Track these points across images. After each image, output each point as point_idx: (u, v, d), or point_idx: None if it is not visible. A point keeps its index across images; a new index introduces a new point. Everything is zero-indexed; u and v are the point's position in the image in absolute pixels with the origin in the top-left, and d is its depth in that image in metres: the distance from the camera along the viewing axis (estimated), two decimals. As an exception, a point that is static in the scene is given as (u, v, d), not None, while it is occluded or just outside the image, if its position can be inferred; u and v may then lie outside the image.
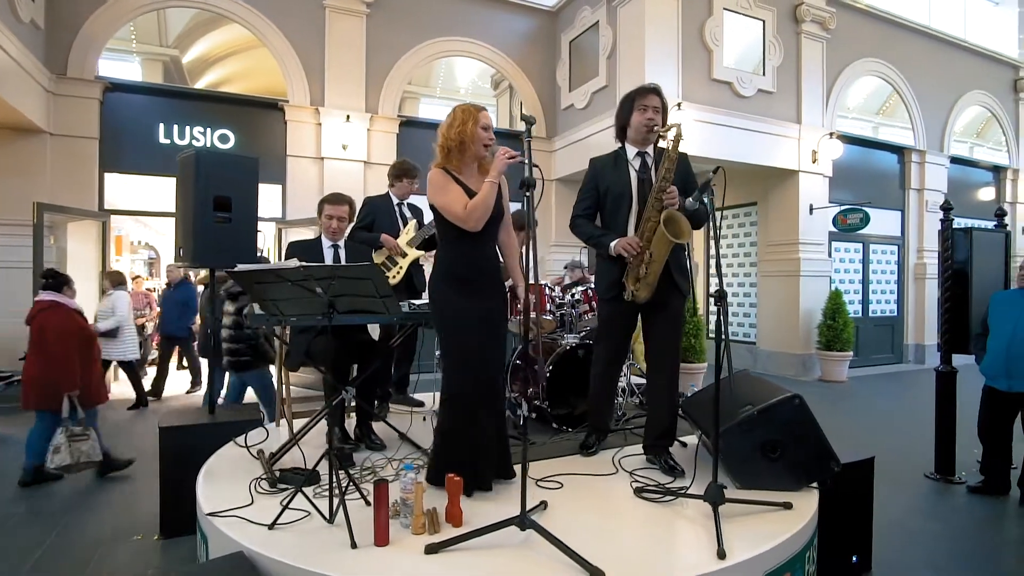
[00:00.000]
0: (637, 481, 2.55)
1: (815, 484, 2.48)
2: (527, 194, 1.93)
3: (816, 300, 8.68)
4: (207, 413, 3.44)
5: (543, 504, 2.25)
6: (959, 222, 11.07)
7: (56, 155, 6.68)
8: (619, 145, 2.91)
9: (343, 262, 3.18)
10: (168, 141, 7.29)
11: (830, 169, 8.96)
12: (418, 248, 3.73)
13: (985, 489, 3.95)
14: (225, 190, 3.33)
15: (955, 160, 10.75)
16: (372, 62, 8.18)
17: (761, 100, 8.35)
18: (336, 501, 2.03)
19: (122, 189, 7.30)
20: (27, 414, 4.06)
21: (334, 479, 2.05)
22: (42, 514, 3.48)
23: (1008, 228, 4.65)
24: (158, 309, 8.21)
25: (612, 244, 2.73)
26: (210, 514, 2.13)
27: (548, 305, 3.54)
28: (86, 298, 6.87)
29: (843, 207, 8.91)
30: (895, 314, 10.15)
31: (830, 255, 9.20)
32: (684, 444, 3.08)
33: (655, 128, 2.72)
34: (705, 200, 2.18)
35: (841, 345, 8.23)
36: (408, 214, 3.91)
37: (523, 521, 1.93)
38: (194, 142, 7.37)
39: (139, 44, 9.31)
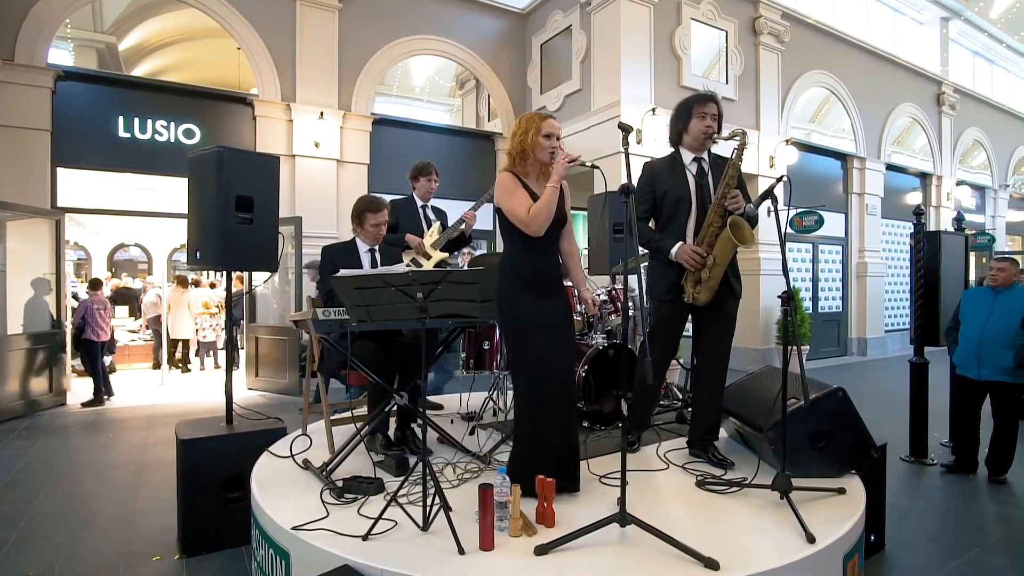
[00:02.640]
0: (692, 474, 2.65)
1: (854, 470, 2.66)
2: (624, 200, 1.98)
3: (774, 297, 9.17)
4: (225, 424, 3.29)
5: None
6: (891, 224, 11.95)
7: (2, 148, 6.12)
8: (672, 150, 2.96)
9: (379, 264, 3.13)
10: (128, 135, 6.83)
11: (785, 174, 9.48)
12: (442, 250, 3.70)
13: (956, 468, 4.34)
14: (246, 189, 3.19)
15: (889, 167, 11.64)
16: (345, 58, 7.97)
17: (724, 107, 8.65)
18: (434, 509, 2.01)
19: (77, 185, 6.77)
20: None
21: (426, 486, 2.03)
22: (38, 536, 3.22)
23: (966, 231, 5.11)
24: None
25: (673, 250, 2.78)
26: (296, 528, 2.06)
27: (579, 306, 3.60)
28: (35, 305, 6.36)
29: (799, 210, 9.47)
30: (840, 309, 10.89)
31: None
32: (716, 437, 3.22)
33: (713, 135, 2.82)
34: (770, 206, 2.30)
35: (799, 340, 8.73)
36: (432, 216, 3.88)
37: (624, 518, 1.98)
38: (156, 137, 6.94)
39: (73, 29, 8.68)
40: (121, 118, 6.81)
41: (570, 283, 2.75)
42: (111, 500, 3.78)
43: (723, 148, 2.94)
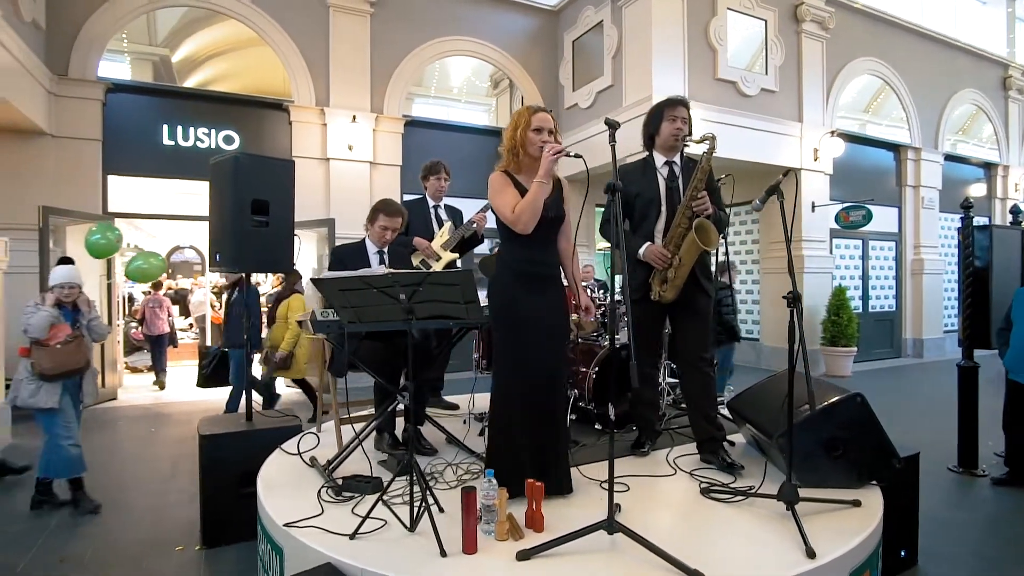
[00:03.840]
0: (700, 481, 2.56)
1: (875, 481, 2.51)
2: (611, 199, 1.92)
3: (819, 296, 8.80)
4: (245, 420, 3.39)
5: (617, 507, 2.24)
6: (950, 218, 11.26)
7: (58, 157, 6.52)
8: (646, 153, 3.02)
9: (387, 266, 3.15)
10: (172, 143, 7.17)
11: (831, 167, 9.08)
12: (452, 251, 3.70)
13: (1009, 481, 4.03)
14: (262, 193, 3.27)
15: (948, 157, 10.96)
16: (377, 62, 8.11)
17: (764, 99, 8.43)
18: (418, 509, 2.01)
19: (126, 192, 7.15)
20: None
21: (413, 486, 2.03)
22: (76, 525, 3.40)
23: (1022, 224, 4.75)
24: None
25: (641, 250, 2.85)
26: (287, 525, 2.10)
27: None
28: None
29: (846, 204, 9.04)
30: (893, 309, 10.33)
31: (831, 252, 9.32)
32: (732, 443, 3.10)
33: (683, 137, 2.86)
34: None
35: (846, 341, 8.34)
36: (444, 216, 3.88)
37: (611, 525, 1.93)
38: (198, 144, 7.25)
39: (129, 44, 9.16)
40: (165, 127, 7.15)
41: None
42: (145, 492, 3.96)
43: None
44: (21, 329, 3.42)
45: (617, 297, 3.69)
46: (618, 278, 2.91)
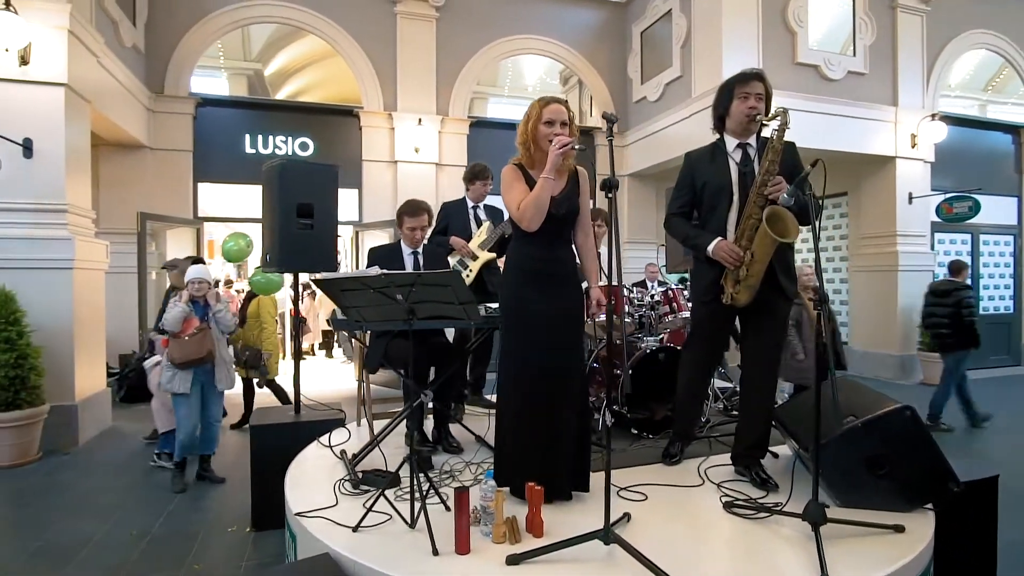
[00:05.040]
0: (727, 495, 2.40)
1: (930, 505, 2.25)
2: (609, 196, 1.84)
3: (916, 296, 7.94)
4: (293, 413, 3.58)
5: (627, 516, 2.15)
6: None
7: (155, 167, 7.21)
8: (717, 136, 2.71)
9: (422, 268, 3.21)
10: (254, 151, 7.71)
11: (932, 154, 8.22)
12: (490, 251, 3.71)
13: None
14: (307, 197, 3.44)
15: (1083, 138, 9.59)
16: (442, 65, 8.28)
17: (851, 82, 7.77)
18: (417, 506, 2.03)
19: (213, 197, 7.77)
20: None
21: (415, 483, 2.06)
22: (150, 502, 3.75)
23: None
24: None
25: (710, 247, 2.55)
26: (298, 514, 2.19)
27: (626, 307, 3.42)
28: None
29: (948, 195, 8.16)
30: (1011, 311, 9.19)
31: (932, 247, 8.45)
32: (776, 455, 2.88)
33: (758, 117, 2.50)
34: (806, 193, 2.01)
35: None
36: (483, 216, 3.90)
37: (607, 535, 1.85)
38: (277, 151, 7.75)
39: (226, 60, 9.92)
40: (247, 136, 7.71)
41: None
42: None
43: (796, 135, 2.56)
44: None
45: (657, 297, 3.57)
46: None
